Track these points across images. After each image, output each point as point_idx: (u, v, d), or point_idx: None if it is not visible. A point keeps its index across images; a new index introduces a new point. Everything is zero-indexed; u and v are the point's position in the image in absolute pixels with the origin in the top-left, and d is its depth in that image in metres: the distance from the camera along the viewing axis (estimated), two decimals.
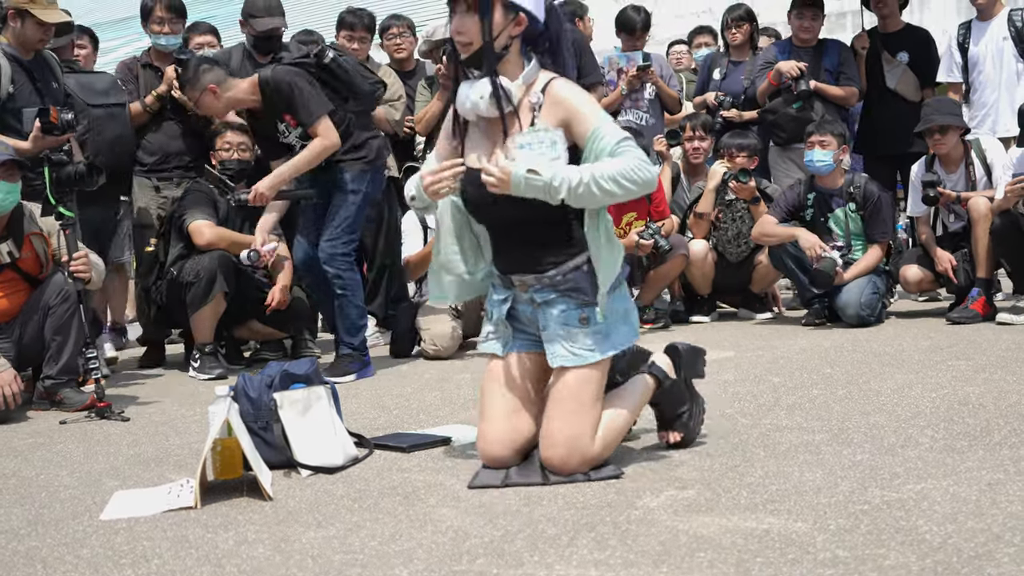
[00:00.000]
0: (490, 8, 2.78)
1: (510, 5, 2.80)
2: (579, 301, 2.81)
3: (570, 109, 2.79)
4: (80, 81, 5.36)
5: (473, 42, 2.80)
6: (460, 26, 2.81)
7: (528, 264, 2.85)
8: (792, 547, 2.10)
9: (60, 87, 4.96)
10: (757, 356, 4.69)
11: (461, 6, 2.80)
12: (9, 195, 4.26)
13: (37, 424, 4.11)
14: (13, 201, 4.30)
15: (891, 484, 2.51)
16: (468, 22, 2.80)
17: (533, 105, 2.83)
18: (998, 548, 2.02)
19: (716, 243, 6.20)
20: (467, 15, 2.80)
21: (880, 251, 5.72)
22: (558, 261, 2.82)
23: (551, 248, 2.83)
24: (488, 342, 2.98)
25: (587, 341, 2.79)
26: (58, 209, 4.21)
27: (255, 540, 2.39)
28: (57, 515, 2.71)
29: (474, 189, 2.84)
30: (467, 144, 2.95)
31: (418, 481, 2.84)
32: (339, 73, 4.77)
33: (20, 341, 4.40)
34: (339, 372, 4.69)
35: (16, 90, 4.72)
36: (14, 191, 4.28)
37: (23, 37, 4.75)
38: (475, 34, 2.79)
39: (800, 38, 6.65)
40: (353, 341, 4.85)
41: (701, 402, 3.09)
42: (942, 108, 5.75)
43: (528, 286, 2.87)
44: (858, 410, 3.40)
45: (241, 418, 2.94)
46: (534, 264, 2.84)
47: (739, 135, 6.28)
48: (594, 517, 2.39)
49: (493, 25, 2.78)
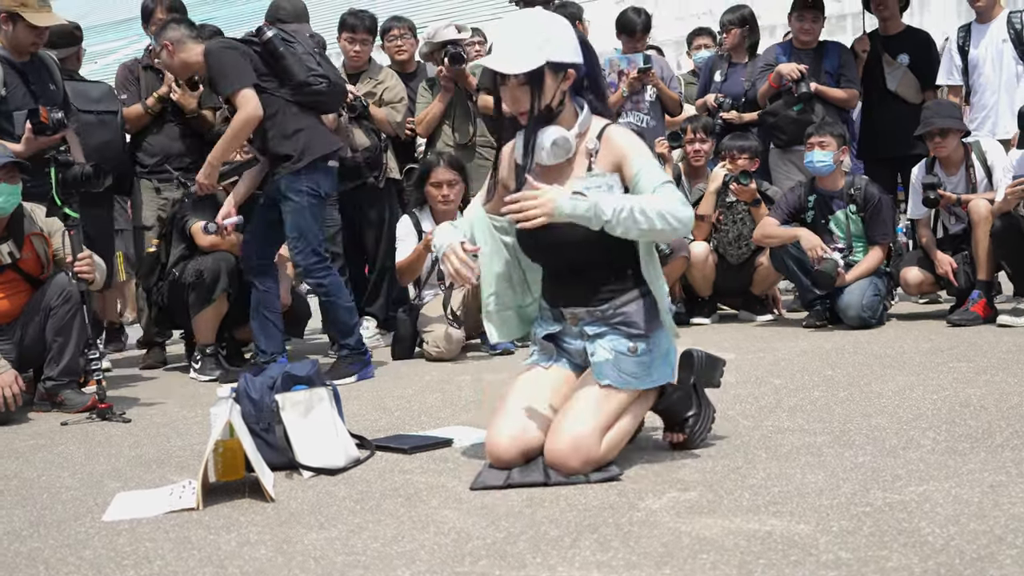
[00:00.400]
0: (541, 79, 2.84)
1: (557, 66, 2.85)
2: (628, 334, 2.87)
3: (621, 153, 2.86)
4: (76, 89, 5.38)
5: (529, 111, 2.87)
6: (513, 99, 2.87)
7: (581, 298, 2.91)
8: (795, 549, 2.10)
9: (58, 89, 4.95)
10: (758, 358, 4.70)
11: (511, 82, 2.85)
12: (10, 197, 4.27)
13: (38, 425, 4.11)
14: (14, 203, 4.31)
15: (893, 486, 2.51)
16: (520, 94, 2.86)
17: (590, 151, 2.89)
18: (1000, 550, 2.02)
19: (717, 245, 6.20)
20: (519, 89, 2.86)
21: (881, 253, 5.72)
22: (611, 296, 2.89)
23: (605, 283, 2.89)
24: (532, 358, 3.04)
25: (634, 369, 2.85)
26: (63, 210, 4.21)
27: (257, 541, 2.39)
28: (59, 516, 2.71)
29: (528, 236, 2.88)
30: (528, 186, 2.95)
31: (420, 483, 2.84)
32: (276, 54, 4.72)
33: (21, 342, 4.40)
34: (339, 375, 4.69)
35: (9, 93, 4.72)
36: (15, 193, 4.29)
37: (15, 40, 4.75)
38: (530, 104, 2.86)
39: (800, 40, 6.66)
40: (349, 342, 4.86)
41: (711, 411, 3.09)
42: (942, 111, 5.76)
43: (579, 319, 2.92)
44: (860, 412, 3.40)
45: (243, 419, 2.94)
46: (587, 298, 2.90)
47: (740, 137, 6.29)
48: (596, 519, 2.39)
49: (545, 90, 2.85)
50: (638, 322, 2.88)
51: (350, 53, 6.13)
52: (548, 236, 2.82)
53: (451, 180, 5.46)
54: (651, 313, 2.90)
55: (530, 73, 2.81)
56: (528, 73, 2.81)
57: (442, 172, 5.45)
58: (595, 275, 2.90)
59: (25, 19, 4.67)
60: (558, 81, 2.86)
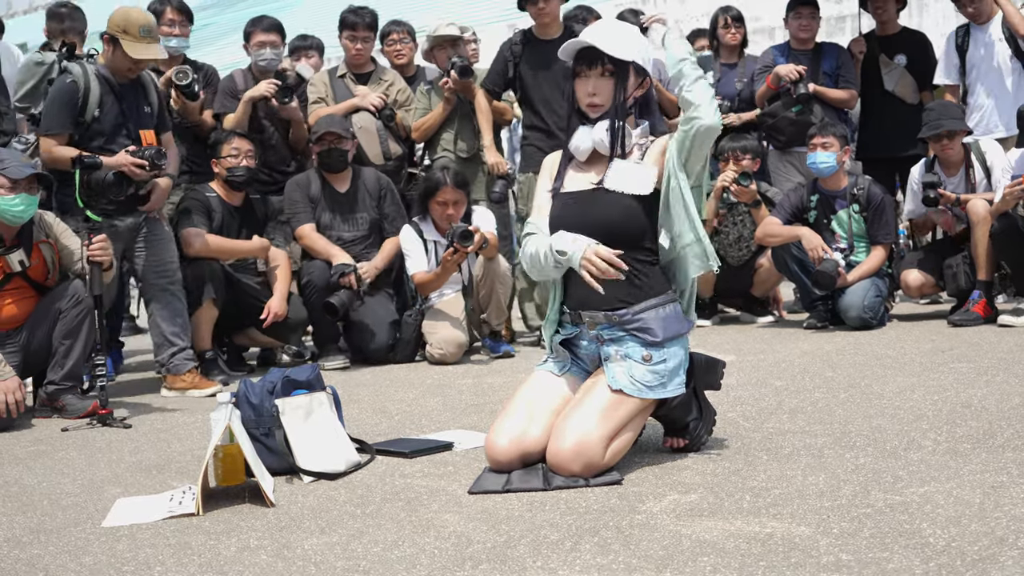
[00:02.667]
0: (627, 74, 2.94)
1: (641, 69, 2.97)
2: (644, 341, 2.88)
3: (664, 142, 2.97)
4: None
5: (605, 104, 2.95)
6: (596, 89, 2.95)
7: (598, 301, 2.91)
8: (795, 551, 2.10)
9: (153, 110, 4.95)
10: (759, 360, 4.69)
11: (597, 70, 2.93)
12: (29, 208, 4.31)
13: (39, 431, 4.11)
14: (31, 213, 4.35)
15: (894, 487, 2.50)
16: (603, 85, 2.95)
17: (641, 145, 2.99)
18: (1002, 551, 2.02)
19: (717, 247, 6.19)
20: (602, 79, 2.94)
21: (883, 253, 5.72)
22: (630, 301, 2.90)
23: (622, 288, 2.90)
24: (545, 364, 3.04)
25: (647, 377, 2.86)
26: (86, 212, 4.23)
27: (257, 547, 2.39)
28: (59, 523, 2.71)
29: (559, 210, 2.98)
30: (564, 178, 3.05)
31: (420, 487, 2.83)
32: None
33: (27, 347, 4.41)
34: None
35: (103, 113, 4.76)
36: (33, 204, 4.34)
37: (113, 64, 4.80)
38: (608, 97, 2.95)
39: (799, 38, 6.66)
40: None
41: (711, 414, 3.09)
42: (948, 112, 5.76)
43: (596, 324, 2.94)
44: (860, 413, 3.40)
45: (243, 424, 2.93)
46: (604, 302, 2.91)
47: (739, 138, 6.29)
48: (597, 522, 2.39)
49: (627, 87, 2.95)
50: (655, 330, 2.88)
51: (351, 51, 6.12)
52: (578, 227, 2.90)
53: (457, 200, 5.46)
54: (670, 322, 2.91)
55: (621, 63, 2.91)
56: (619, 62, 2.91)
57: (449, 192, 5.44)
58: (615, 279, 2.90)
59: (123, 47, 4.70)
60: (636, 84, 2.97)
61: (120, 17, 4.70)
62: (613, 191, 2.92)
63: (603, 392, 2.83)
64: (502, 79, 5.88)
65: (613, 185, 2.92)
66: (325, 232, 5.58)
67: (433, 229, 5.54)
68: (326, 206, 5.60)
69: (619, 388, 2.82)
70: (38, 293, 4.44)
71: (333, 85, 6.07)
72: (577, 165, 3.04)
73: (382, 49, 6.52)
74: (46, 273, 4.48)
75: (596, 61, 2.93)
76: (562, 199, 3.01)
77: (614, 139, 2.94)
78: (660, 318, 2.90)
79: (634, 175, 2.92)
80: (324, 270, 5.42)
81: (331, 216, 5.60)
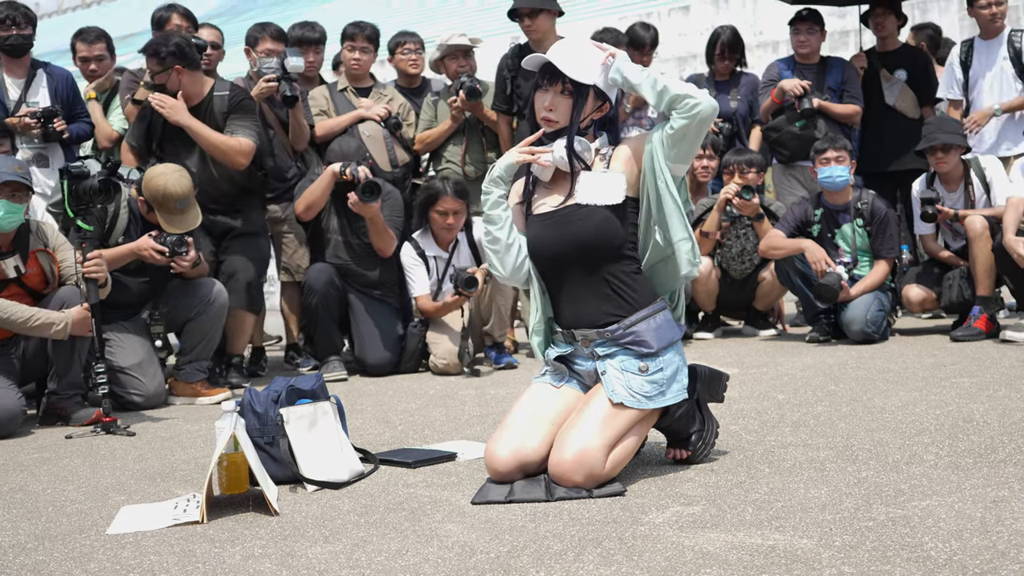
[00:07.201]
0: (585, 97, 2.94)
1: (600, 93, 2.97)
2: (639, 353, 2.90)
3: (636, 143, 2.98)
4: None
5: (560, 121, 2.96)
6: (552, 106, 2.96)
7: (589, 319, 2.94)
8: (798, 564, 2.11)
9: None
10: (761, 373, 4.70)
11: (556, 87, 2.94)
12: (10, 214, 4.28)
13: (43, 439, 4.12)
14: (15, 221, 4.32)
15: (896, 501, 2.51)
16: (560, 103, 2.95)
17: (603, 155, 3.00)
18: (1003, 565, 2.02)
19: (720, 260, 6.21)
20: (560, 96, 2.95)
21: (887, 267, 5.73)
22: (620, 315, 2.92)
23: (611, 302, 2.93)
24: (543, 376, 3.05)
25: (645, 387, 2.87)
26: (76, 222, 4.24)
27: (261, 555, 2.39)
28: (64, 530, 2.72)
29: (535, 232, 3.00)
30: (534, 202, 3.07)
31: (424, 496, 2.84)
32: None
33: (25, 356, 4.42)
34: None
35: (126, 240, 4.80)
36: (17, 211, 4.31)
37: (151, 218, 4.85)
38: (564, 115, 2.96)
39: (799, 53, 6.68)
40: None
41: (714, 426, 3.10)
42: (944, 126, 5.77)
43: (590, 341, 2.95)
44: (863, 427, 3.40)
45: (247, 433, 2.95)
46: (595, 319, 2.93)
47: (742, 151, 6.30)
48: (600, 533, 2.40)
49: (585, 109, 2.96)
50: (648, 341, 2.90)
51: (350, 62, 6.16)
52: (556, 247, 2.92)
53: (457, 210, 5.47)
54: (662, 331, 2.93)
55: (580, 85, 2.92)
56: (578, 84, 2.91)
57: (449, 201, 5.45)
58: (595, 290, 2.93)
59: (160, 217, 4.75)
60: (594, 108, 2.98)
61: (159, 191, 4.70)
62: (586, 205, 2.93)
63: (603, 404, 2.84)
64: (505, 96, 5.93)
65: (585, 199, 2.93)
66: (332, 236, 5.57)
67: (434, 243, 5.55)
68: (334, 211, 5.59)
69: (619, 401, 2.84)
70: (35, 302, 4.44)
71: (334, 99, 6.10)
72: (543, 186, 3.05)
73: (393, 60, 6.52)
74: (44, 282, 4.48)
75: (556, 78, 2.94)
76: (536, 221, 3.02)
77: (571, 157, 2.95)
78: (652, 328, 2.91)
79: (604, 185, 2.93)
80: (323, 272, 5.41)
81: (338, 220, 5.59)
